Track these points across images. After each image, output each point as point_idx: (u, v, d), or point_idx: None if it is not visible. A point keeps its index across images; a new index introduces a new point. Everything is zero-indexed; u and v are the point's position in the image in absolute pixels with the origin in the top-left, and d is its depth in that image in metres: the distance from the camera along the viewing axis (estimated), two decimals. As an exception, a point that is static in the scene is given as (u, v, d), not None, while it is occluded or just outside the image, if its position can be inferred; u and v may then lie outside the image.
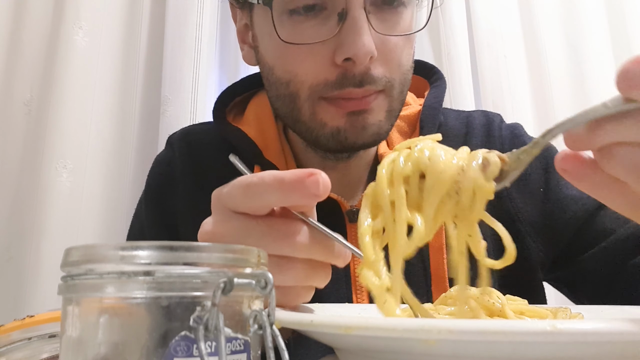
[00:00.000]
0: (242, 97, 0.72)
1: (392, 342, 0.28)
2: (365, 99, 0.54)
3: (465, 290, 0.37)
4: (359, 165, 0.66)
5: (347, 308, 0.51)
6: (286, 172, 0.35)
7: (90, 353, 0.21)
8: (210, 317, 0.21)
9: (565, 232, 0.63)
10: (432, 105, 0.67)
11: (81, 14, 1.16)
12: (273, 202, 0.36)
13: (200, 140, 0.71)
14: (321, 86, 0.54)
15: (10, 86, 1.17)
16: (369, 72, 0.53)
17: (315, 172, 0.35)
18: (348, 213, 0.62)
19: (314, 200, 0.36)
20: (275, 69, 0.58)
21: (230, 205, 0.37)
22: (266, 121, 0.67)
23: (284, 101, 0.58)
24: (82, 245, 0.23)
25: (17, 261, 1.09)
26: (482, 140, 0.68)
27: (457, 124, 0.70)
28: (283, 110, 0.59)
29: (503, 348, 0.26)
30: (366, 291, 0.60)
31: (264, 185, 0.36)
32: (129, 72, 1.21)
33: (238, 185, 0.37)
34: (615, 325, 0.24)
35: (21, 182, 1.13)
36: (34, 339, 0.37)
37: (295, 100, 0.56)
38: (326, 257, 0.39)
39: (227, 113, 0.70)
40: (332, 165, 0.64)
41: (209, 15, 1.19)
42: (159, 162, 0.73)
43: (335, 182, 0.64)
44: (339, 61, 0.53)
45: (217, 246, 0.23)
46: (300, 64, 0.55)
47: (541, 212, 0.64)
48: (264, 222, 0.37)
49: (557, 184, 0.65)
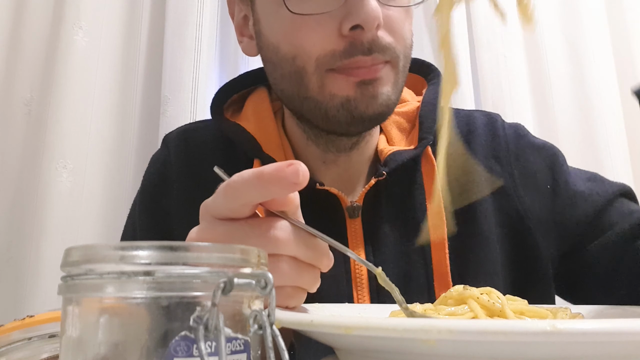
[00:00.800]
0: (239, 95, 0.72)
1: (392, 342, 0.28)
2: (374, 67, 0.54)
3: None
4: (360, 160, 0.65)
5: (347, 308, 0.51)
6: (265, 166, 0.36)
7: (90, 353, 0.21)
8: (210, 317, 0.21)
9: (575, 228, 0.64)
10: (430, 101, 0.67)
11: (81, 14, 1.16)
12: (254, 197, 0.36)
13: (197, 138, 0.70)
14: (328, 57, 0.54)
15: (10, 86, 1.17)
16: (377, 40, 0.54)
17: (294, 162, 0.35)
18: (348, 209, 0.61)
19: (294, 189, 0.36)
20: (280, 46, 0.57)
21: (214, 212, 0.38)
22: (265, 117, 0.66)
23: (290, 80, 0.57)
24: (82, 245, 0.23)
25: (17, 261, 1.09)
26: (487, 139, 0.68)
27: (458, 122, 0.70)
28: (289, 90, 0.59)
29: (503, 348, 0.26)
30: (367, 287, 0.60)
31: (243, 182, 0.36)
32: (129, 72, 1.21)
33: (220, 189, 0.37)
34: (615, 325, 0.24)
35: (21, 182, 1.13)
36: (34, 339, 0.37)
37: (302, 75, 0.56)
38: (311, 255, 0.39)
39: (225, 110, 0.70)
40: (334, 159, 0.64)
41: (209, 15, 1.19)
42: (154, 161, 0.72)
43: (335, 177, 0.65)
44: (346, 30, 0.53)
45: (217, 246, 0.23)
46: (306, 36, 0.54)
47: (550, 209, 0.65)
48: (246, 223, 0.38)
49: (565, 181, 0.66)
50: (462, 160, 0.64)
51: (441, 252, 0.60)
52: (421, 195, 0.63)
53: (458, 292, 0.41)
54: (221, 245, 0.23)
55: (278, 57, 0.58)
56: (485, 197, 0.64)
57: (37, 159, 1.11)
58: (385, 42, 0.55)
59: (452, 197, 0.60)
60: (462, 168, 0.63)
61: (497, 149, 0.67)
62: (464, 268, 0.61)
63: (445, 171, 0.49)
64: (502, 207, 0.64)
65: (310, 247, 0.39)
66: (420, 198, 0.63)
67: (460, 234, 0.61)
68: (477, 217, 0.63)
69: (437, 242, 0.60)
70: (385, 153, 0.63)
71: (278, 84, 0.61)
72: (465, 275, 0.61)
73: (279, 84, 0.60)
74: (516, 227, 0.64)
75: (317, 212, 0.59)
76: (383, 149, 0.65)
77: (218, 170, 0.41)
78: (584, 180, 0.67)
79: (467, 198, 0.63)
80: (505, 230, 0.64)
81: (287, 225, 0.38)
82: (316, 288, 0.41)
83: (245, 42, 0.66)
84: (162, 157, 0.71)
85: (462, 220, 0.62)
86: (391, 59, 0.56)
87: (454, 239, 0.61)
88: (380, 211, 0.62)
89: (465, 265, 0.61)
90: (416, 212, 0.62)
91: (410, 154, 0.62)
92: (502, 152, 0.67)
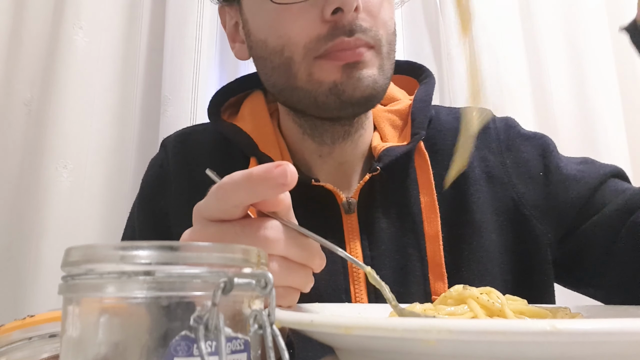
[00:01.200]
0: (236, 98, 0.73)
1: (392, 342, 0.28)
2: (357, 50, 0.57)
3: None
4: (354, 153, 0.67)
5: (347, 308, 0.51)
6: (255, 167, 0.36)
7: (90, 353, 0.21)
8: (210, 317, 0.21)
9: (570, 211, 0.65)
10: (422, 99, 0.69)
11: (81, 14, 1.16)
12: (243, 198, 0.37)
13: (194, 140, 0.72)
14: (314, 42, 0.56)
15: (10, 86, 1.17)
16: (357, 22, 0.56)
17: (282, 163, 0.36)
18: (344, 204, 0.63)
19: (283, 190, 0.37)
20: (268, 40, 0.60)
21: (206, 214, 0.38)
22: (261, 117, 0.68)
23: (280, 72, 0.60)
24: (82, 245, 0.23)
25: (17, 261, 1.09)
26: (479, 132, 0.69)
27: (450, 118, 0.71)
28: (280, 82, 0.61)
29: (503, 348, 0.26)
30: (364, 282, 0.60)
31: (233, 184, 0.36)
32: (129, 72, 1.21)
33: (211, 191, 0.38)
34: (615, 325, 0.24)
35: (21, 182, 1.13)
36: (34, 339, 0.37)
37: (291, 65, 0.58)
38: (302, 255, 0.39)
39: (222, 113, 0.71)
40: (329, 151, 0.66)
41: (209, 15, 1.19)
42: (152, 165, 0.74)
43: (332, 171, 0.67)
44: (327, 14, 0.55)
45: (217, 246, 0.23)
46: (292, 25, 0.57)
47: (544, 194, 0.66)
48: (237, 223, 0.38)
49: (556, 166, 0.67)
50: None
51: (435, 244, 0.61)
52: (415, 189, 0.64)
53: (458, 292, 0.41)
54: (221, 245, 0.23)
55: (267, 51, 0.60)
56: (479, 186, 0.66)
57: (37, 158, 1.11)
58: (366, 24, 0.57)
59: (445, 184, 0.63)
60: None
61: (488, 140, 0.69)
62: (458, 257, 0.63)
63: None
64: (496, 196, 0.66)
65: (302, 247, 0.39)
66: (414, 192, 0.64)
67: (453, 224, 0.63)
68: (470, 207, 0.64)
69: (431, 235, 0.62)
70: (379, 149, 0.65)
71: (269, 79, 0.62)
72: (459, 264, 0.62)
73: (270, 78, 0.62)
74: (512, 216, 0.65)
75: (313, 209, 0.61)
76: (377, 145, 0.66)
77: (210, 173, 0.42)
78: (575, 163, 0.68)
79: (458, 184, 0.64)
80: (501, 219, 0.65)
81: (278, 225, 0.38)
82: (309, 288, 0.41)
83: (237, 47, 0.68)
84: (160, 160, 0.73)
85: (456, 211, 0.64)
86: (374, 43, 0.58)
87: (447, 230, 0.62)
88: (376, 206, 0.64)
89: (459, 255, 0.63)
90: (411, 206, 0.64)
91: (403, 149, 0.64)
92: (494, 143, 0.69)
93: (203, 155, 0.70)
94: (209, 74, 1.19)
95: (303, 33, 0.57)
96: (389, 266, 0.62)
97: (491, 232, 0.64)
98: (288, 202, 0.39)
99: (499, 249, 0.64)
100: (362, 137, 0.67)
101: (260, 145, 0.65)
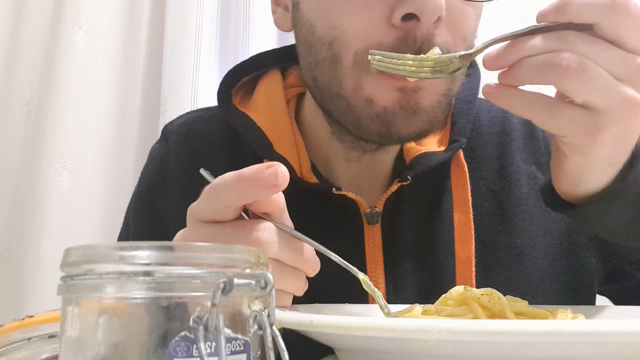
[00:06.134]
0: (250, 77, 0.64)
1: (392, 342, 0.28)
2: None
3: None
4: (385, 159, 0.59)
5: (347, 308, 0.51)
6: (246, 168, 0.35)
7: (90, 353, 0.21)
8: (210, 317, 0.21)
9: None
10: (465, 98, 0.59)
11: (81, 14, 1.16)
12: (235, 199, 0.36)
13: (199, 132, 0.64)
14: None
15: (10, 86, 1.17)
16: (433, 38, 0.45)
17: (274, 163, 0.35)
18: (367, 214, 0.55)
19: (274, 191, 0.36)
20: (317, 26, 0.49)
21: (198, 215, 0.38)
22: (277, 107, 0.59)
23: (324, 68, 0.49)
24: (81, 245, 0.23)
25: (17, 261, 1.09)
26: (526, 143, 0.61)
27: (491, 119, 0.62)
28: (322, 80, 0.51)
29: (503, 348, 0.26)
30: (382, 281, 0.56)
31: (224, 185, 0.36)
32: (129, 72, 1.21)
33: (203, 192, 0.37)
34: (615, 325, 0.24)
35: (21, 182, 1.13)
36: (34, 339, 0.37)
37: (337, 66, 0.48)
38: (295, 259, 0.38)
39: (234, 94, 0.63)
40: (357, 157, 0.58)
41: (209, 15, 1.19)
42: (152, 158, 0.67)
43: (356, 175, 0.59)
44: (397, 19, 0.44)
45: (217, 246, 0.23)
46: (349, 20, 0.46)
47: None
48: (229, 224, 0.37)
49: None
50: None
51: (467, 269, 0.54)
52: (449, 203, 0.56)
53: (459, 293, 0.41)
54: (221, 245, 0.23)
55: (314, 37, 0.50)
56: (526, 207, 0.57)
57: (36, 159, 1.11)
58: (443, 41, 0.46)
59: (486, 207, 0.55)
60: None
61: (537, 154, 0.60)
62: (493, 284, 0.50)
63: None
64: (548, 218, 0.58)
65: (295, 250, 0.38)
66: (448, 207, 0.56)
67: (491, 246, 0.55)
68: (513, 229, 0.57)
69: (462, 258, 0.54)
70: (413, 154, 0.57)
71: (312, 70, 0.52)
72: None
73: (313, 70, 0.52)
74: (564, 242, 0.57)
75: (333, 217, 0.55)
76: (411, 148, 0.58)
77: (204, 173, 0.41)
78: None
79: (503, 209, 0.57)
80: (551, 246, 0.57)
81: (271, 227, 0.37)
82: (302, 292, 0.40)
83: (279, 13, 0.58)
84: (161, 154, 0.65)
85: (495, 232, 0.56)
86: None
87: (482, 252, 0.55)
88: (402, 218, 0.56)
89: (495, 281, 0.54)
90: (442, 222, 0.56)
91: (439, 158, 0.55)
92: (543, 157, 0.60)
93: (208, 151, 0.62)
94: (209, 74, 1.19)
95: (361, 34, 0.46)
96: (412, 286, 0.55)
97: (537, 259, 0.56)
98: (282, 204, 0.38)
99: (545, 278, 0.56)
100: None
101: (275, 143, 0.57)
